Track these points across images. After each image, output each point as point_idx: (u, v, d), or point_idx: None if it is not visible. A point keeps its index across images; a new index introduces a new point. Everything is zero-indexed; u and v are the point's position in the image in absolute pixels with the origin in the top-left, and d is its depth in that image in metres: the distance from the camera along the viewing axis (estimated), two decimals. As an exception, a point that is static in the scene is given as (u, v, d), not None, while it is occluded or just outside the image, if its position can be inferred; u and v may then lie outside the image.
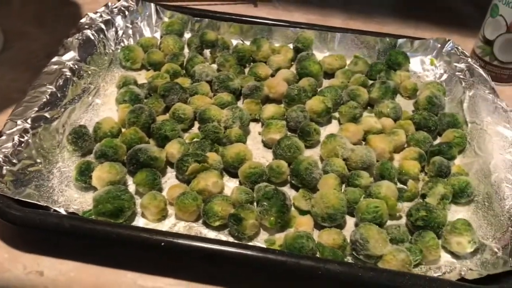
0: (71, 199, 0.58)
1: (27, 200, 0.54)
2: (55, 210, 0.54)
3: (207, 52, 0.82)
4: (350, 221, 0.60)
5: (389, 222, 0.59)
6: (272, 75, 0.79)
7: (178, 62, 0.78)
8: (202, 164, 0.60)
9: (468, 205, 0.62)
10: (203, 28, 0.85)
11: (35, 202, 0.54)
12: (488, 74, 0.77)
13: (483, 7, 0.83)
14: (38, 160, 0.60)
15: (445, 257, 0.56)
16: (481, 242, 0.56)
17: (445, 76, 0.80)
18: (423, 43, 0.84)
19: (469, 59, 0.79)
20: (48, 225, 0.51)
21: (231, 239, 0.55)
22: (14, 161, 0.57)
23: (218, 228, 0.56)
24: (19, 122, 0.60)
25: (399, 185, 0.64)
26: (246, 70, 0.80)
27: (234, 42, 0.84)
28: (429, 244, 0.54)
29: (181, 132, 0.67)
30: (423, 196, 0.61)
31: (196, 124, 0.70)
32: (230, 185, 0.63)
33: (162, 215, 0.57)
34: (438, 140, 0.71)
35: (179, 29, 0.84)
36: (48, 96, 0.64)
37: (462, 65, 0.78)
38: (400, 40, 0.83)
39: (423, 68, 0.83)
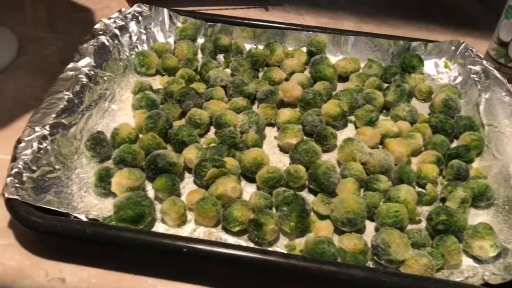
0: (91, 205, 0.58)
1: (47, 207, 0.54)
2: (75, 217, 0.54)
3: (220, 56, 0.82)
4: (370, 226, 0.59)
5: (409, 227, 0.59)
6: (286, 79, 0.79)
7: (193, 67, 0.78)
8: (220, 169, 0.60)
9: (488, 208, 0.62)
10: (216, 33, 0.85)
11: (56, 209, 0.54)
12: (504, 76, 0.76)
13: (495, 9, 0.83)
14: (57, 167, 0.60)
15: (466, 262, 0.56)
16: (504, 246, 0.55)
17: (459, 79, 0.80)
18: (437, 46, 0.83)
19: (484, 61, 0.79)
20: (70, 232, 0.51)
21: (251, 245, 0.55)
22: (34, 168, 0.57)
23: (237, 234, 0.56)
24: (37, 128, 0.60)
25: (418, 189, 0.63)
26: (260, 74, 0.80)
27: (248, 46, 0.84)
28: (451, 248, 0.54)
29: (198, 137, 0.67)
30: (443, 199, 0.61)
31: (212, 129, 0.70)
32: (248, 190, 0.62)
33: (182, 221, 0.57)
34: (454, 143, 0.71)
35: (192, 34, 0.84)
36: (65, 103, 0.64)
37: (477, 68, 0.78)
38: (413, 43, 0.83)
39: (437, 70, 0.83)
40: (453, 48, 0.83)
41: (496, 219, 0.60)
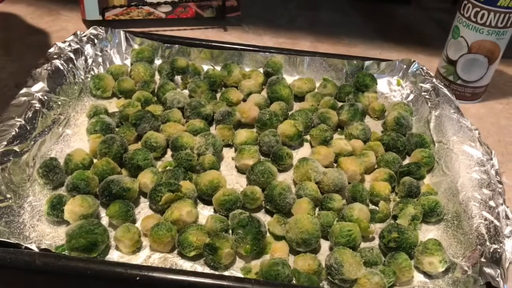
0: (43, 234, 0.57)
1: (-4, 238, 0.52)
2: (26, 247, 0.53)
3: (178, 78, 0.83)
4: (325, 245, 0.60)
5: (362, 244, 0.60)
6: (244, 100, 0.80)
7: (149, 90, 0.78)
8: (176, 193, 0.60)
9: (438, 223, 0.63)
10: (174, 54, 0.86)
11: (6, 240, 0.53)
12: (453, 93, 0.79)
13: (448, 27, 0.86)
14: (8, 196, 0.58)
15: (418, 277, 0.57)
16: (452, 261, 0.57)
17: (411, 96, 0.83)
18: (390, 64, 0.86)
19: (434, 79, 0.81)
20: (19, 264, 0.50)
21: (207, 269, 0.55)
22: (-17, 198, 0.56)
23: (193, 258, 0.56)
24: (-14, 157, 0.59)
25: (371, 206, 0.65)
26: (218, 95, 0.80)
27: (205, 67, 0.85)
28: (402, 265, 0.55)
29: (154, 160, 0.67)
30: (395, 217, 0.63)
31: (169, 152, 0.70)
32: (205, 213, 0.63)
33: (137, 247, 0.56)
34: (407, 160, 0.73)
35: (149, 56, 0.84)
36: (17, 129, 0.63)
37: (428, 85, 0.81)
38: (367, 62, 0.85)
39: (390, 88, 0.86)
40: (404, 66, 0.85)
41: (446, 234, 0.62)
